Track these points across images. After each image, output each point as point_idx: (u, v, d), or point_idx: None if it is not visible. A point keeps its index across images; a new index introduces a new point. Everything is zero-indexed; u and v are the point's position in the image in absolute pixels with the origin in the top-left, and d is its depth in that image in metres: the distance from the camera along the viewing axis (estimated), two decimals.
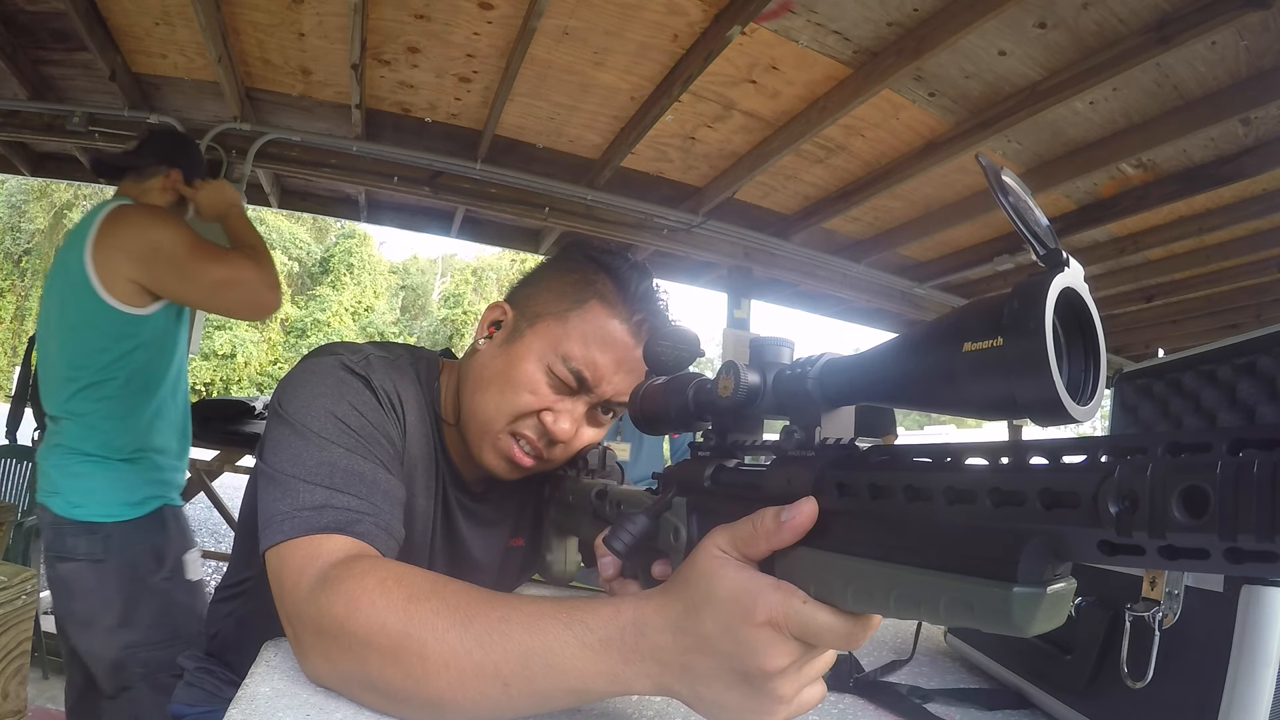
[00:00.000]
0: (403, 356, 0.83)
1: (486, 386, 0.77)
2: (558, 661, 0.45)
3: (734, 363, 0.47)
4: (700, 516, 0.52)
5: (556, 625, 0.46)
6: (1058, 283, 0.31)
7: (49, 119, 2.95)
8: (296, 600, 0.56)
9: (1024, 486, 0.29)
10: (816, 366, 0.43)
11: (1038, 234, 0.32)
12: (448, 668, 0.47)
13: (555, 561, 0.82)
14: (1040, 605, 0.30)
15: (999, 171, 0.32)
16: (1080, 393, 0.32)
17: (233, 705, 0.52)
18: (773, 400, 0.47)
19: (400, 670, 0.48)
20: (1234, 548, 0.23)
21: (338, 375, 0.71)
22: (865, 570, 0.37)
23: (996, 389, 0.32)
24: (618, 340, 0.76)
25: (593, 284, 0.78)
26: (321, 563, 0.57)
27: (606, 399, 0.77)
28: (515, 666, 0.46)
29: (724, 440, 0.52)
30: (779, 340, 0.48)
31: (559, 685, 0.45)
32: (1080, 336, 0.33)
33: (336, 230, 28.11)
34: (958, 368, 0.33)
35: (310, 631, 0.54)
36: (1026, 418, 0.32)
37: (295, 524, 0.59)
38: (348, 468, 0.63)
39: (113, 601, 1.53)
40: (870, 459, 0.39)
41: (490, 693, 0.46)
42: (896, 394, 0.38)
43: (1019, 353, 0.30)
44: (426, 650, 0.47)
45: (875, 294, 4.26)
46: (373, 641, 0.49)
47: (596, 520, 0.68)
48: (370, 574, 0.53)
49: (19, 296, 23.78)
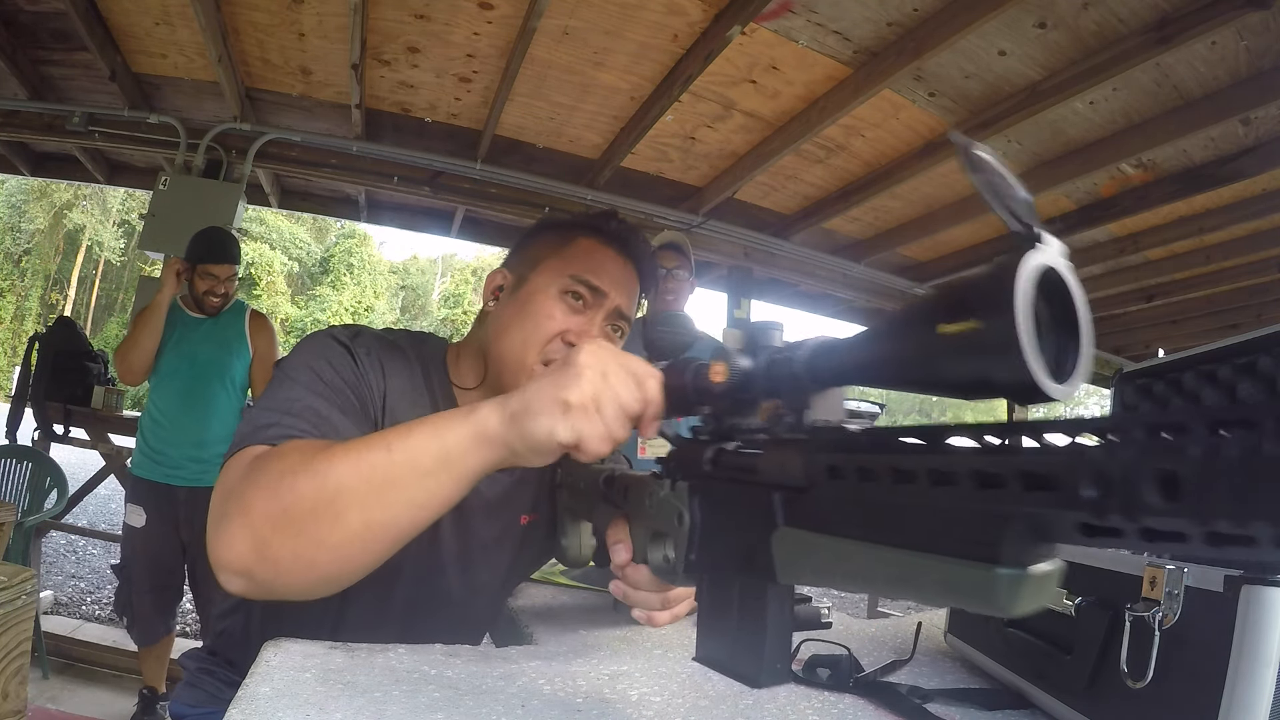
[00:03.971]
0: (402, 339, 0.89)
1: (508, 329, 0.84)
2: (418, 426, 0.56)
3: (725, 347, 0.48)
4: (703, 500, 0.53)
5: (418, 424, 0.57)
6: (1032, 260, 0.30)
7: (49, 119, 2.95)
8: (226, 482, 0.61)
9: (1004, 469, 0.29)
10: (805, 349, 0.44)
11: (1013, 210, 0.32)
12: (346, 456, 0.56)
13: (570, 546, 0.83)
14: (1024, 586, 0.30)
15: (970, 146, 0.32)
16: (1061, 372, 0.32)
17: (233, 705, 0.52)
18: (765, 383, 0.47)
19: (307, 471, 0.56)
20: (1212, 531, 0.22)
21: (325, 340, 0.79)
22: (855, 552, 0.37)
23: (972, 370, 0.32)
24: (611, 258, 0.87)
25: (578, 227, 0.90)
26: (257, 453, 0.63)
27: (616, 305, 0.85)
28: (392, 436, 0.56)
29: (721, 424, 0.52)
30: (770, 324, 0.48)
31: (424, 438, 0.55)
32: (1062, 314, 0.33)
33: (336, 230, 28.10)
34: (935, 349, 0.33)
35: (232, 496, 0.58)
36: (1005, 397, 0.32)
37: (250, 436, 0.65)
38: (308, 404, 0.70)
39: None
40: (860, 441, 0.39)
41: (378, 458, 0.55)
42: (881, 376, 0.39)
43: (992, 334, 0.30)
44: (328, 454, 0.56)
45: (875, 294, 4.26)
46: (287, 464, 0.57)
47: (606, 505, 0.69)
48: (286, 445, 0.62)
49: (19, 296, 23.76)
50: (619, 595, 0.63)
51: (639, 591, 0.62)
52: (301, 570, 0.55)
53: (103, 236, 24.86)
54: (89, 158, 3.39)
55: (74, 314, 21.30)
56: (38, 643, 2.40)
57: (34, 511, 2.60)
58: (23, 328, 22.89)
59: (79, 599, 3.64)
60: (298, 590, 0.57)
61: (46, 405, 2.78)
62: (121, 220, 24.76)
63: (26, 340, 2.99)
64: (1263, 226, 3.07)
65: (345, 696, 0.56)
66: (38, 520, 2.56)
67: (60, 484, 2.66)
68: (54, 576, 3.95)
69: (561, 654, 0.76)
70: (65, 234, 24.34)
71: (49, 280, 24.67)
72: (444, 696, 0.58)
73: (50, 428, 2.80)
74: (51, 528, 3.03)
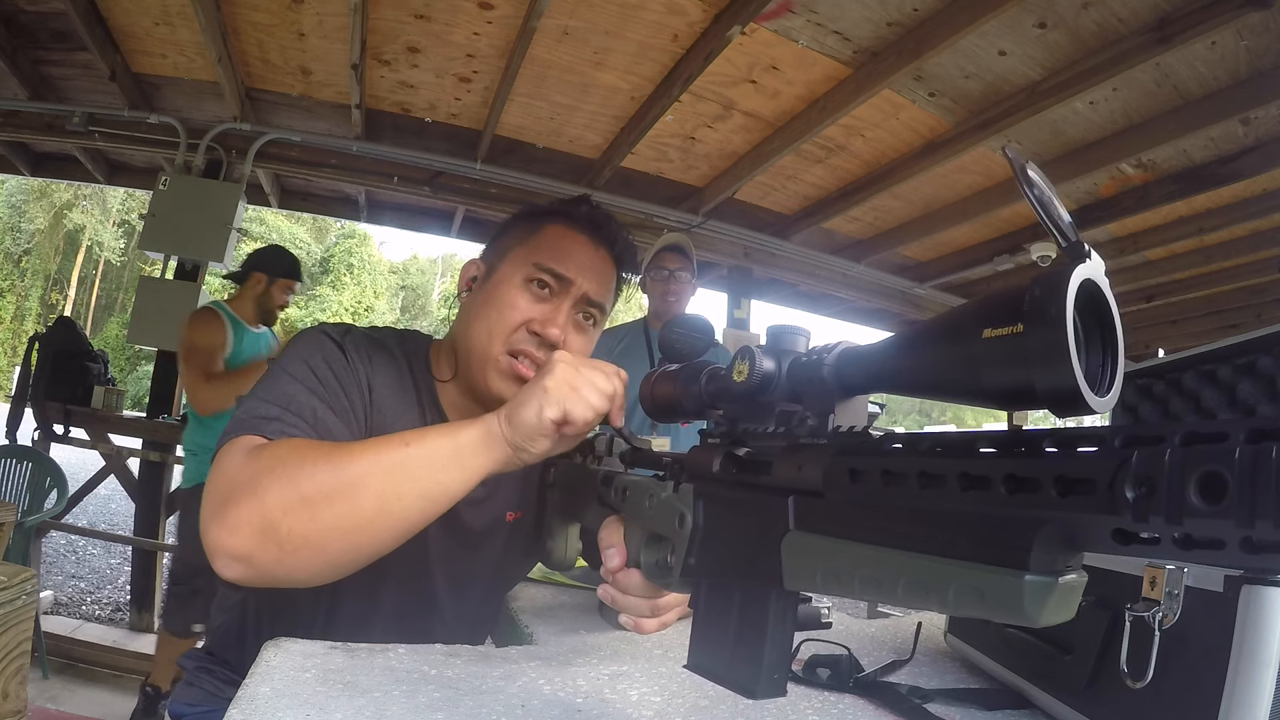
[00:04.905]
0: (389, 337, 0.90)
1: (475, 319, 0.84)
2: (440, 427, 0.63)
3: (750, 347, 0.48)
4: (707, 503, 0.52)
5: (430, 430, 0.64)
6: (1079, 274, 0.31)
7: (49, 119, 2.95)
8: (228, 469, 0.62)
9: (1039, 473, 0.29)
10: (833, 354, 0.44)
11: (1060, 227, 0.33)
12: (365, 449, 0.60)
13: (556, 548, 0.82)
14: (1052, 595, 0.30)
15: (1025, 164, 0.33)
16: (1098, 384, 0.32)
17: (233, 705, 0.52)
18: (787, 387, 0.47)
19: (327, 462, 0.59)
20: (1250, 537, 0.23)
21: (318, 338, 0.81)
22: (874, 556, 0.36)
23: (1015, 378, 0.31)
24: (580, 246, 0.85)
25: (547, 214, 0.89)
26: (258, 444, 0.65)
27: (584, 294, 0.84)
28: (413, 434, 0.62)
29: (734, 428, 0.52)
30: (795, 329, 0.48)
31: (444, 435, 0.62)
32: (1099, 329, 0.33)
33: (336, 230, 28.07)
34: (977, 355, 0.33)
35: (240, 483, 0.59)
36: (1045, 407, 0.32)
37: (248, 425, 0.67)
38: (304, 402, 0.72)
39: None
40: (883, 446, 0.38)
41: (397, 454, 0.60)
42: (914, 382, 0.38)
43: (1039, 341, 0.30)
44: (352, 448, 0.61)
45: (875, 294, 4.26)
46: (304, 455, 0.60)
47: (602, 507, 0.68)
48: (289, 439, 0.65)
49: (19, 296, 23.75)
50: (607, 600, 0.61)
51: (628, 597, 0.60)
52: (308, 554, 0.57)
53: (103, 236, 24.86)
54: (89, 158, 3.38)
55: (74, 314, 21.32)
56: (38, 643, 2.40)
57: (34, 511, 2.60)
58: (23, 328, 22.88)
59: (79, 599, 3.64)
60: (297, 576, 0.59)
61: (46, 405, 2.78)
62: (121, 220, 24.75)
63: (26, 340, 2.99)
64: (1263, 226, 3.07)
65: (345, 696, 0.56)
66: (38, 520, 2.56)
67: (60, 484, 2.66)
68: (54, 576, 3.95)
69: (561, 654, 0.76)
70: (65, 234, 24.34)
71: (49, 280, 24.67)
72: (444, 696, 0.58)
73: (50, 428, 2.80)
74: (51, 528, 3.04)
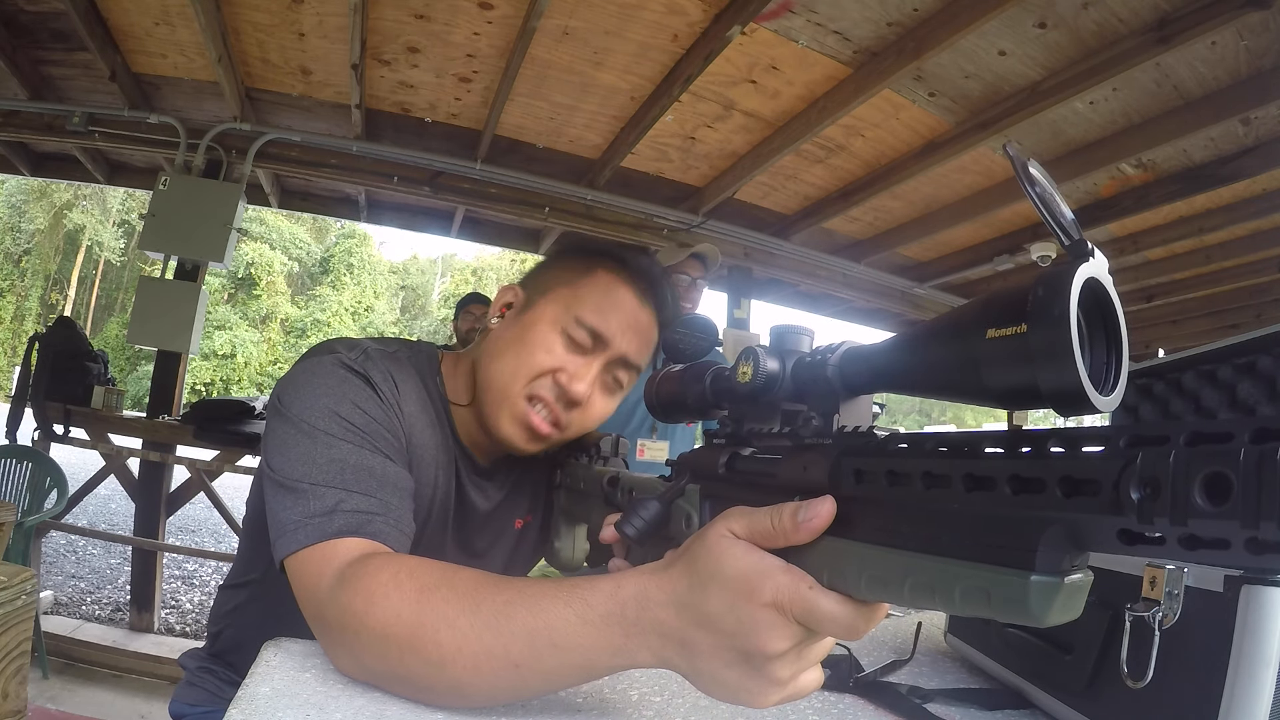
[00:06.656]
0: (400, 349, 0.84)
1: (502, 353, 0.79)
2: (561, 640, 0.46)
3: (753, 348, 0.48)
4: (714, 504, 0.52)
5: (558, 604, 0.47)
6: (1082, 272, 0.30)
7: (49, 119, 2.95)
8: (319, 602, 0.58)
9: (1044, 473, 0.29)
10: (837, 354, 0.44)
11: (1063, 225, 0.32)
12: (461, 653, 0.49)
13: (564, 549, 0.82)
14: (1057, 595, 0.30)
15: (1026, 162, 0.33)
16: (1102, 383, 0.32)
17: (233, 705, 0.52)
18: (791, 387, 0.47)
19: (419, 659, 0.50)
20: (1255, 537, 0.23)
21: (339, 374, 0.72)
22: (880, 557, 0.36)
23: (1020, 377, 0.31)
24: (626, 302, 0.79)
25: (600, 259, 0.83)
26: (338, 564, 0.58)
27: (621, 354, 0.79)
28: (523, 647, 0.47)
29: (739, 428, 0.51)
30: (799, 328, 0.48)
31: (565, 662, 0.47)
32: (1103, 327, 0.33)
33: (336, 230, 28.06)
34: (981, 354, 0.33)
35: (334, 629, 0.56)
36: (1049, 407, 0.32)
37: (309, 531, 0.60)
38: (356, 464, 0.65)
39: None
40: (888, 446, 0.38)
41: (504, 674, 0.48)
42: (918, 382, 0.38)
43: (1043, 340, 0.30)
44: (440, 638, 0.49)
45: (875, 294, 4.26)
46: (390, 634, 0.51)
47: (608, 507, 0.68)
48: (384, 570, 0.55)
49: (19, 296, 23.73)
50: None
51: None
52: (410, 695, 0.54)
53: (103, 236, 24.85)
54: (89, 158, 3.38)
55: (74, 314, 21.29)
56: (38, 643, 2.40)
57: (34, 511, 2.60)
58: (23, 328, 22.88)
59: (79, 599, 3.64)
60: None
61: (46, 405, 2.78)
62: (121, 220, 24.75)
63: (26, 340, 2.99)
64: (1263, 226, 3.07)
65: (345, 696, 0.56)
66: (38, 520, 2.56)
67: (60, 484, 2.66)
68: (54, 576, 3.95)
69: None
70: (65, 234, 24.32)
71: (49, 280, 24.66)
72: None
73: (50, 428, 2.80)
74: (51, 528, 3.04)
